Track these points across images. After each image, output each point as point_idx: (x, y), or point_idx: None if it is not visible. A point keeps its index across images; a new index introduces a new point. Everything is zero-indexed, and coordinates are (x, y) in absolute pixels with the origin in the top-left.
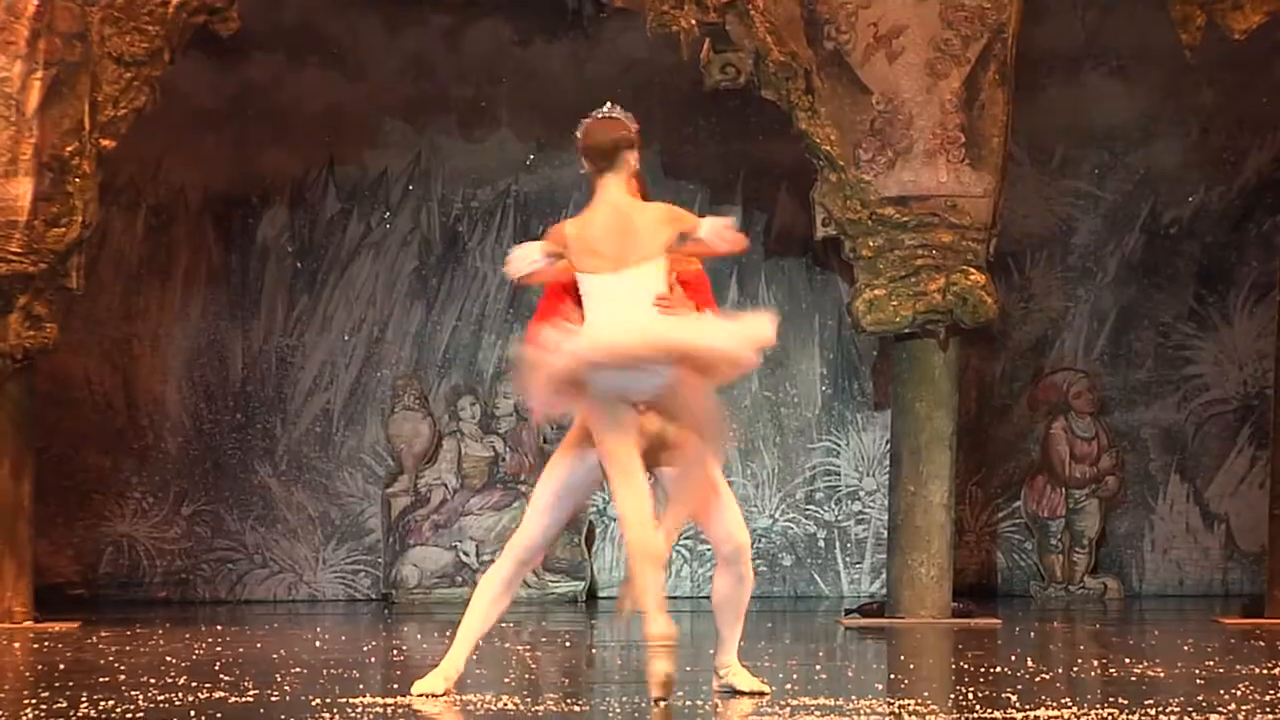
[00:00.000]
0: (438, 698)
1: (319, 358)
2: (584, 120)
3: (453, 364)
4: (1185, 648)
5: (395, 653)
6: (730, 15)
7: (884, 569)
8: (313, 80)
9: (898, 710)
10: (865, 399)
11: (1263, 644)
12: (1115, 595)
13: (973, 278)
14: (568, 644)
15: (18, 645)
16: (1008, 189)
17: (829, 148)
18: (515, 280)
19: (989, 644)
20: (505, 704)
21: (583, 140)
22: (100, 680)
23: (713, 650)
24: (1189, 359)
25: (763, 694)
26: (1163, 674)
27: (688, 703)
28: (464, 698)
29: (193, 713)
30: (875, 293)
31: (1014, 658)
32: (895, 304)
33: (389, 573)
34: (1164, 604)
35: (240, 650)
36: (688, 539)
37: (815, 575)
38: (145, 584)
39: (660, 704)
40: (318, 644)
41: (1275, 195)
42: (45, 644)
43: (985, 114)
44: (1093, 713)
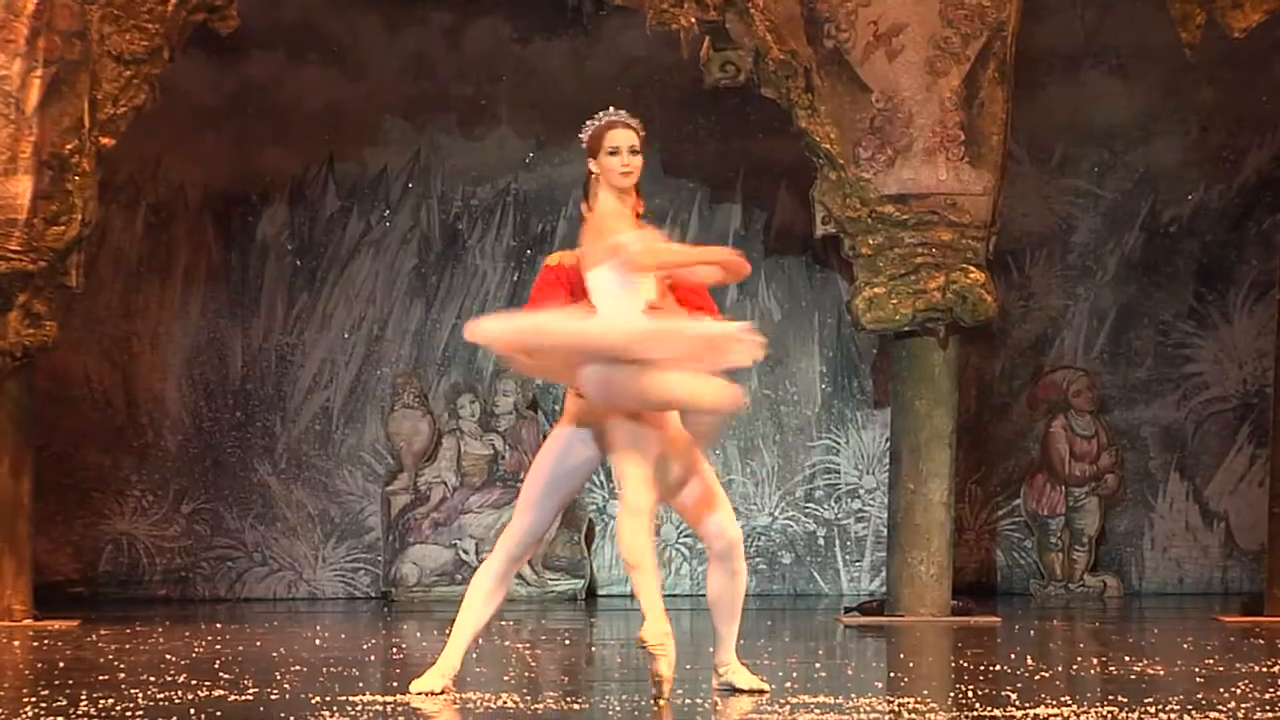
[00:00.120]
0: (437, 696)
1: (319, 356)
2: (607, 120)
3: (452, 362)
4: (1185, 646)
5: (395, 651)
6: (730, 13)
7: (884, 567)
8: (312, 78)
9: (897, 708)
10: (865, 397)
11: (1262, 642)
12: (1115, 593)
13: (972, 276)
14: (567, 642)
15: (17, 643)
16: (1007, 187)
17: (829, 146)
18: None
19: (988, 642)
20: (505, 702)
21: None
22: (100, 678)
23: (712, 648)
24: (1189, 357)
25: (762, 692)
26: (1162, 672)
27: (687, 701)
28: (464, 696)
29: (192, 711)
30: (875, 291)
31: (1014, 656)
32: (895, 302)
33: (388, 571)
34: (1163, 602)
35: (240, 648)
36: (687, 536)
37: (815, 573)
38: (145, 582)
39: (660, 702)
40: (317, 642)
41: (1275, 193)
42: (45, 642)
43: (985, 112)
44: (1092, 711)
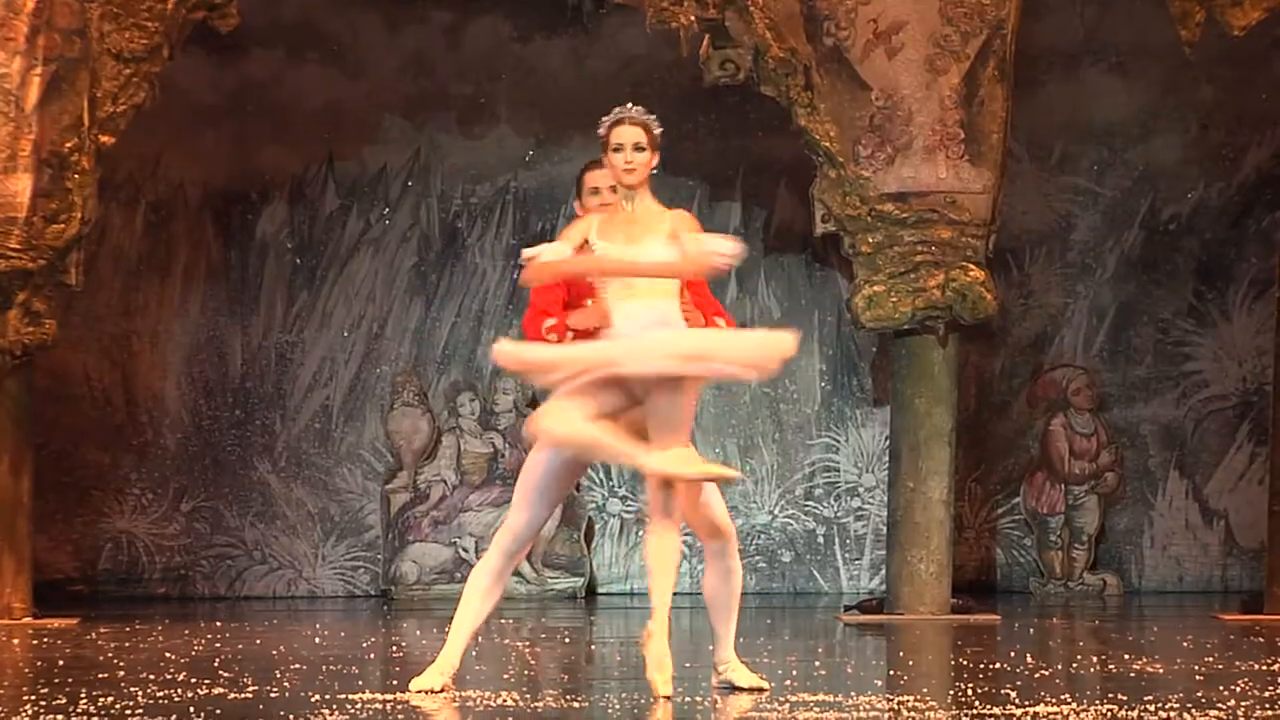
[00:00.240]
0: (436, 694)
1: (318, 354)
2: (614, 116)
3: (452, 360)
4: (1184, 644)
5: (394, 649)
6: (730, 11)
7: (883, 565)
8: (312, 77)
9: (897, 706)
10: (865, 395)
11: (1262, 640)
12: (1114, 591)
13: (972, 274)
14: (567, 640)
15: (17, 641)
16: (1007, 185)
17: (828, 144)
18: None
19: (988, 640)
20: (505, 700)
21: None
22: (99, 676)
23: (711, 646)
24: (1188, 355)
25: (762, 690)
26: (1162, 670)
27: (687, 699)
28: (463, 694)
29: (192, 709)
30: (874, 289)
31: (1013, 654)
32: (894, 300)
33: (388, 569)
34: (1163, 600)
35: (239, 646)
36: (686, 533)
37: (814, 571)
38: (144, 580)
39: (663, 700)
40: (317, 640)
41: (1274, 191)
42: (44, 640)
43: (984, 110)
44: (1092, 709)
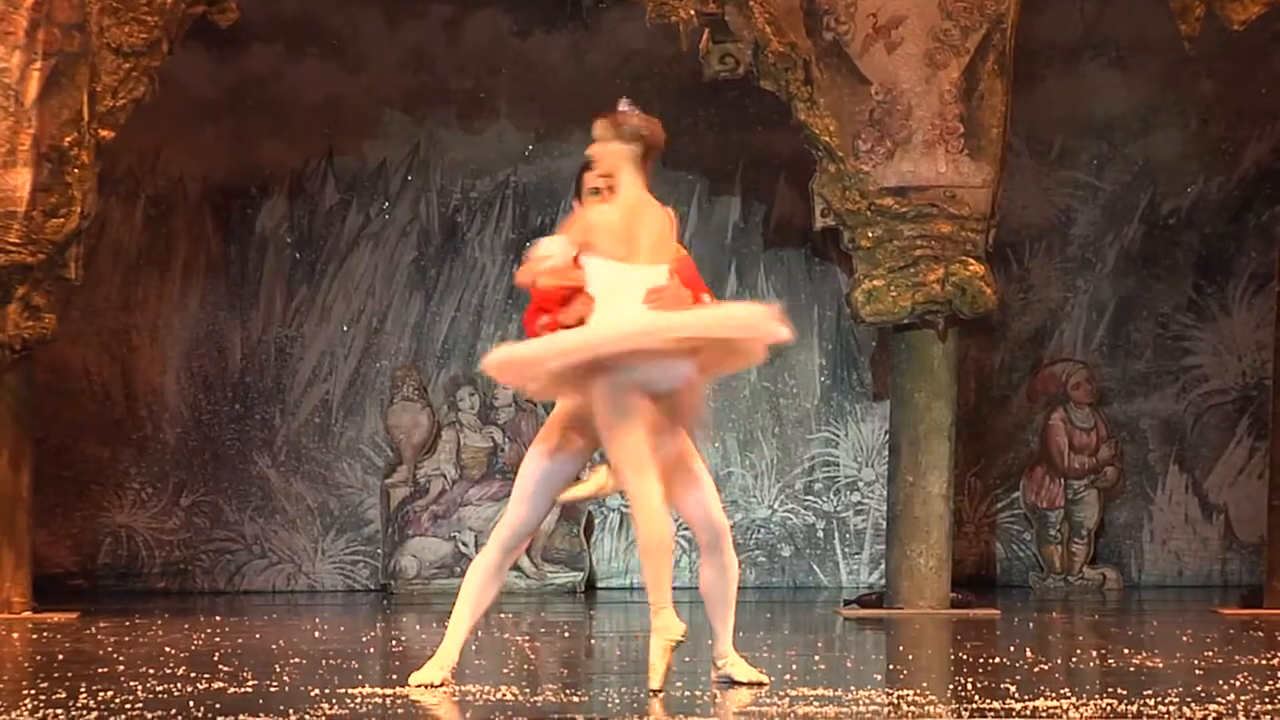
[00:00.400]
0: (436, 688)
1: (318, 348)
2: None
3: (451, 354)
4: (1184, 638)
5: (394, 643)
6: (729, 6)
7: (883, 560)
8: (312, 71)
9: (896, 700)
10: (864, 390)
11: (1261, 634)
12: (1114, 586)
13: (971, 268)
14: (566, 635)
15: (16, 635)
16: (1006, 180)
17: (828, 138)
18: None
19: (988, 635)
20: (504, 694)
21: (655, 136)
22: (99, 671)
23: (710, 641)
24: (1188, 350)
25: (761, 684)
26: (1161, 664)
27: (686, 693)
28: (463, 688)
29: (191, 703)
30: (874, 283)
31: (1013, 648)
32: (894, 294)
33: (388, 563)
34: (1163, 594)
35: (239, 641)
36: (685, 530)
37: (814, 566)
38: (144, 574)
39: (658, 694)
40: (316, 635)
41: (1274, 186)
42: (44, 634)
43: (984, 105)
44: (1091, 703)
